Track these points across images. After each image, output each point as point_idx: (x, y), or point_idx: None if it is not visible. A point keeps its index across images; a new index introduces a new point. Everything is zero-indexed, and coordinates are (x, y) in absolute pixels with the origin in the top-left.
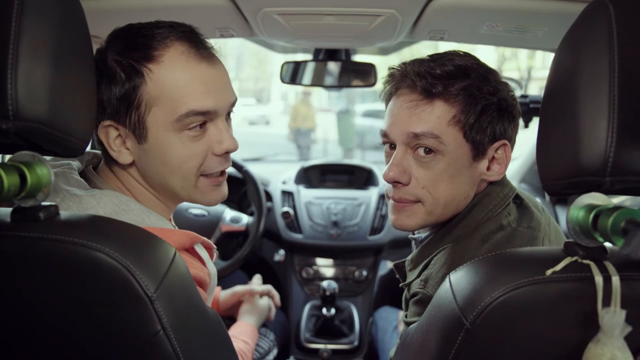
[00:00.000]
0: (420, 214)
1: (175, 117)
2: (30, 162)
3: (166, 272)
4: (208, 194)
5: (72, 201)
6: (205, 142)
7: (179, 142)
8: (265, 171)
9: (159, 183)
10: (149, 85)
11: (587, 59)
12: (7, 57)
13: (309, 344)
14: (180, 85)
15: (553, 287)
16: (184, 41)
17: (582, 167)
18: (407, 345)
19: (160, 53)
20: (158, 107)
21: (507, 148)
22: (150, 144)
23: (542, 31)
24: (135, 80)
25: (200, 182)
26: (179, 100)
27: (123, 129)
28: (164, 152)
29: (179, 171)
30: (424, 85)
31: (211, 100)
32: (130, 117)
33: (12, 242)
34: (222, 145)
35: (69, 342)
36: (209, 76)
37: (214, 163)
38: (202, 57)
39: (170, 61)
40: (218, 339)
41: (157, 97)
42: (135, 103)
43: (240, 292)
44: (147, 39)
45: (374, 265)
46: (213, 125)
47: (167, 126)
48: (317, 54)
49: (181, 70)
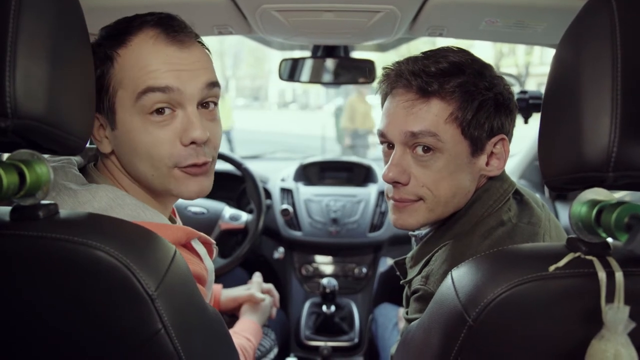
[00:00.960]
0: (421, 212)
1: (134, 95)
2: (29, 160)
3: (167, 270)
4: (182, 182)
5: (68, 195)
6: (171, 130)
7: (143, 128)
8: (263, 168)
9: (133, 171)
10: (116, 68)
11: (590, 54)
12: (5, 55)
13: (309, 342)
14: (142, 66)
15: (556, 283)
16: (156, 26)
17: (585, 163)
18: (408, 342)
19: (130, 38)
20: (122, 89)
21: (506, 142)
22: (119, 130)
23: (542, 26)
24: (106, 64)
25: (173, 172)
26: (139, 78)
27: (101, 117)
28: (131, 138)
29: (149, 159)
30: (419, 84)
31: (172, 79)
32: (103, 103)
33: (12, 241)
34: (188, 134)
35: (69, 342)
36: (176, 58)
37: (183, 154)
38: (172, 41)
39: (137, 45)
40: (218, 337)
41: (122, 80)
42: (105, 88)
43: (242, 298)
44: (124, 26)
45: (374, 262)
46: (182, 112)
47: (131, 109)
48: (316, 51)
49: (147, 53)
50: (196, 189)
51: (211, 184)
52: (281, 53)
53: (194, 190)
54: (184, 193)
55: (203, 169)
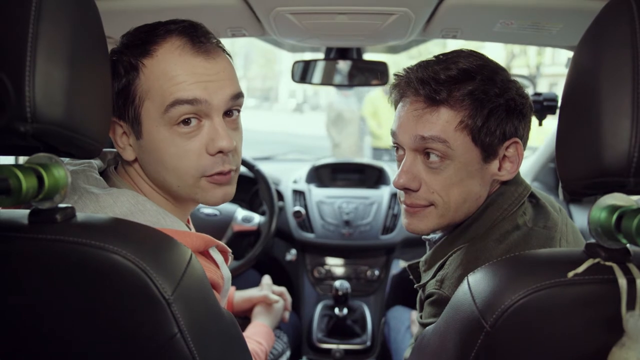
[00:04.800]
0: (432, 218)
1: (163, 108)
2: (47, 164)
3: (183, 274)
4: (208, 191)
5: (90, 199)
6: (199, 140)
7: (170, 139)
8: (276, 170)
9: (158, 180)
10: (141, 79)
11: (609, 56)
12: (25, 60)
13: (321, 344)
14: (169, 77)
15: (575, 289)
16: (182, 36)
17: (605, 168)
18: (423, 347)
19: (155, 47)
20: (149, 100)
21: (519, 146)
22: (145, 139)
23: (557, 28)
24: (131, 74)
25: (200, 182)
26: (167, 90)
27: (125, 125)
28: (158, 148)
29: (175, 171)
30: (427, 92)
31: (199, 90)
32: (128, 112)
33: (30, 244)
34: (215, 144)
35: (85, 345)
36: (202, 69)
37: (209, 163)
38: (197, 51)
39: (163, 55)
40: (233, 341)
41: (148, 90)
42: (131, 97)
43: (256, 299)
44: (148, 35)
45: (386, 265)
46: (208, 122)
47: (158, 120)
48: (329, 53)
49: (173, 63)
50: (221, 195)
51: (234, 191)
52: (292, 54)
53: (219, 197)
54: (209, 200)
55: (227, 177)
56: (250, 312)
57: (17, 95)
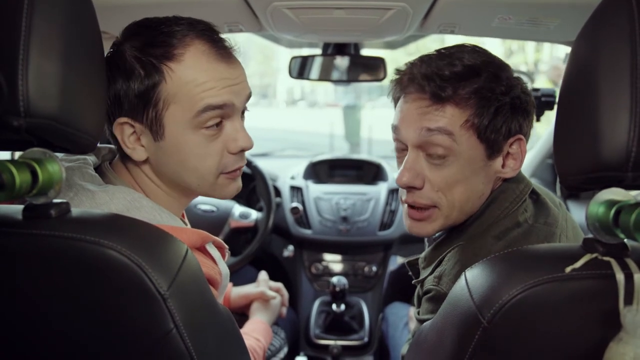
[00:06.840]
0: (437, 220)
1: (193, 113)
2: (42, 159)
3: (178, 269)
4: (225, 186)
5: (85, 196)
6: (221, 141)
7: (196, 141)
8: (273, 166)
9: (174, 180)
10: (168, 83)
11: (608, 50)
12: (18, 54)
13: (319, 340)
14: (198, 83)
15: (572, 284)
16: (204, 40)
17: (603, 162)
18: (421, 343)
19: (181, 52)
20: (176, 104)
21: (522, 143)
22: (167, 141)
23: (555, 23)
24: (155, 77)
25: (219, 180)
26: (197, 96)
27: (139, 126)
28: (181, 150)
29: (196, 171)
30: (432, 89)
31: (227, 95)
32: (147, 114)
33: (24, 240)
34: (238, 143)
35: (80, 341)
36: (227, 74)
37: (230, 161)
38: (221, 58)
39: (191, 60)
40: (230, 336)
41: (175, 95)
42: (154, 100)
43: (253, 295)
44: (167, 36)
45: (384, 261)
46: (229, 123)
47: (185, 124)
48: (326, 48)
49: (203, 70)
50: (235, 189)
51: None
52: (290, 50)
53: (234, 190)
54: (225, 195)
55: (239, 171)
56: (247, 308)
57: (10, 89)
